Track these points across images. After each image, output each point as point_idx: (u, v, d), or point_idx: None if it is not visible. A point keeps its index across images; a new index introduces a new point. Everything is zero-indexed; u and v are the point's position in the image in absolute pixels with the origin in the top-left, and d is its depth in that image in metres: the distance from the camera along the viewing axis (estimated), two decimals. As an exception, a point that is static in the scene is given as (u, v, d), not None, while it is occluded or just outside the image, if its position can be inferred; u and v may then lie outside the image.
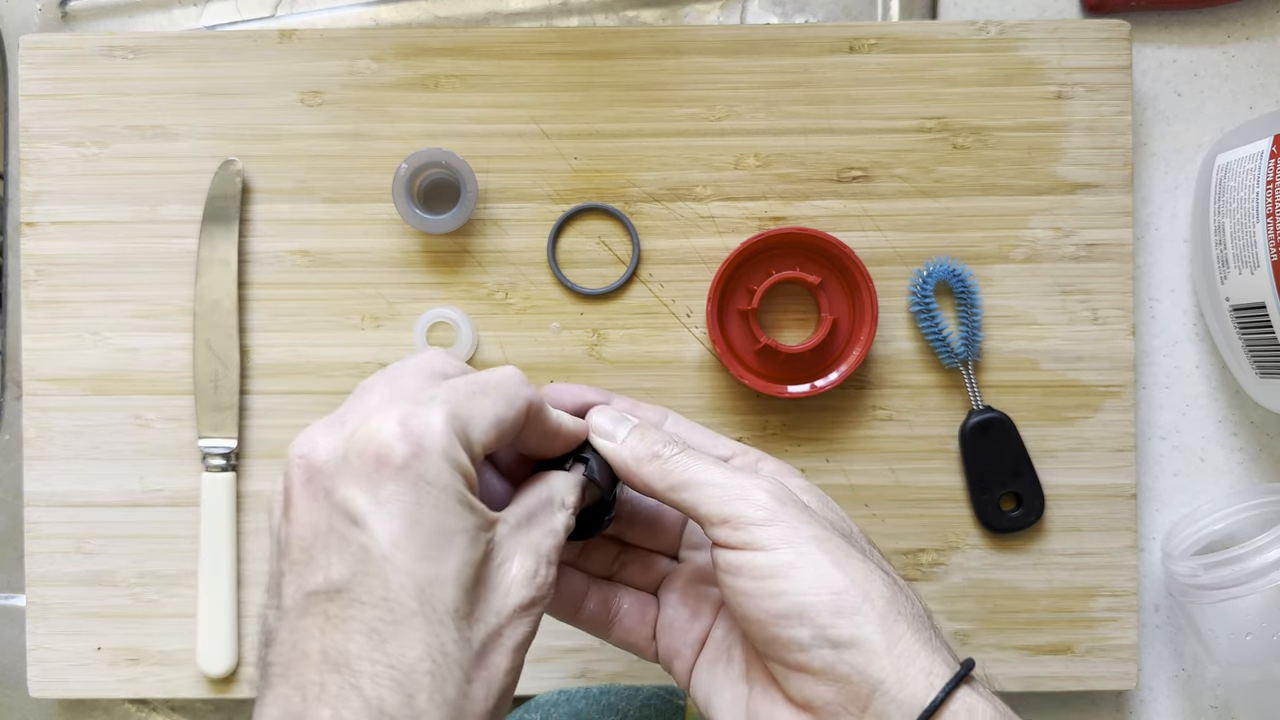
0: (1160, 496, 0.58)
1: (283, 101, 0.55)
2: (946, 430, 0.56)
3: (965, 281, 0.54)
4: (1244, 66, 0.58)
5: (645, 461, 0.38)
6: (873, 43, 0.55)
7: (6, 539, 0.59)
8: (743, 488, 0.36)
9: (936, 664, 0.34)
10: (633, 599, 0.42)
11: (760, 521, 0.35)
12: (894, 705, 0.33)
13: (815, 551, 0.35)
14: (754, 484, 0.36)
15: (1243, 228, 0.52)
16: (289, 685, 0.31)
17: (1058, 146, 0.55)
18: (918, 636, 0.34)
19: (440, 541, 0.31)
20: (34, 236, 0.55)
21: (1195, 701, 0.58)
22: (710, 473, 0.37)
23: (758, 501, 0.36)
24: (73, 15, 0.60)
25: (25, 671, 0.55)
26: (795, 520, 0.36)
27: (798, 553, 0.35)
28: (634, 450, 0.38)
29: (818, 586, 0.34)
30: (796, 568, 0.34)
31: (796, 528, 0.35)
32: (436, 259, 0.56)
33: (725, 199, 0.56)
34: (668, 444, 0.38)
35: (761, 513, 0.35)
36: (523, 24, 0.59)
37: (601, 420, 0.39)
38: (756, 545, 0.35)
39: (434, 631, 0.31)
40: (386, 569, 0.31)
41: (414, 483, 0.31)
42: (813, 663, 0.34)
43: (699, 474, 0.37)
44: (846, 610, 0.34)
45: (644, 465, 0.38)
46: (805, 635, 0.34)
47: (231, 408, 0.55)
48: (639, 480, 0.38)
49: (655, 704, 0.53)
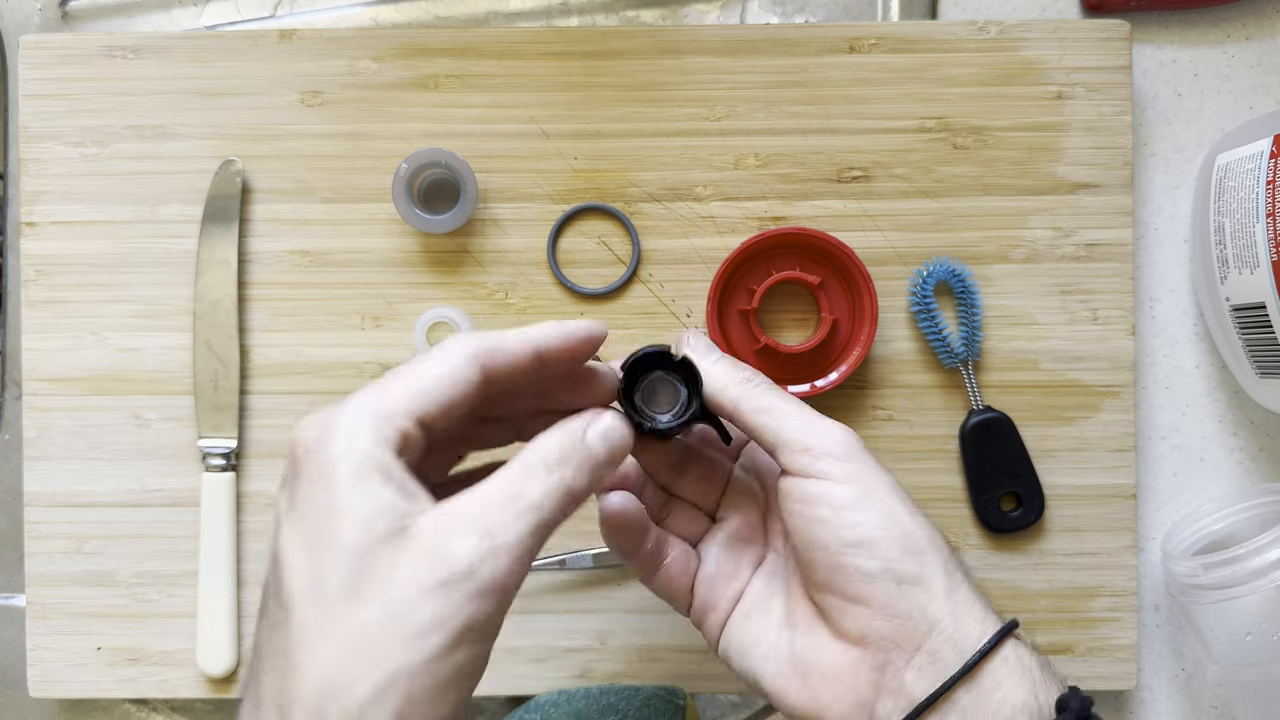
0: (1160, 496, 0.58)
1: (283, 101, 0.55)
2: (946, 430, 0.56)
3: (965, 281, 0.54)
4: (1244, 66, 0.58)
5: (736, 384, 0.40)
6: (873, 43, 0.55)
7: (6, 539, 0.59)
8: (825, 425, 0.39)
9: (989, 616, 0.36)
10: (679, 548, 0.43)
11: (840, 456, 0.38)
12: (949, 644, 0.36)
13: (888, 494, 0.37)
14: (834, 425, 0.39)
15: (1243, 228, 0.52)
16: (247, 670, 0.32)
17: (1058, 146, 0.55)
18: (973, 591, 0.37)
19: (326, 527, 0.31)
20: (34, 236, 0.55)
21: (1195, 701, 0.58)
22: (795, 405, 0.39)
23: (838, 439, 0.38)
24: (73, 15, 0.60)
25: (25, 671, 0.55)
26: (870, 464, 0.38)
27: (872, 489, 0.37)
28: (727, 372, 0.40)
29: (889, 524, 0.37)
30: (871, 502, 0.37)
31: (872, 469, 0.38)
32: (436, 259, 0.56)
33: (725, 199, 0.56)
34: (756, 373, 0.40)
35: (841, 449, 0.38)
36: (523, 24, 0.59)
37: (698, 342, 0.42)
38: (835, 477, 0.37)
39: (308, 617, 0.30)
40: (282, 563, 0.31)
41: (312, 477, 0.31)
42: (876, 594, 0.36)
43: (784, 404, 0.39)
44: (914, 550, 0.36)
45: (734, 386, 0.40)
46: (874, 566, 0.36)
47: (231, 408, 0.55)
48: (727, 400, 0.40)
49: (655, 704, 0.53)
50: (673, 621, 0.56)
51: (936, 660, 0.36)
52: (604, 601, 0.56)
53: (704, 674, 0.56)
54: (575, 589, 0.56)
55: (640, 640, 0.56)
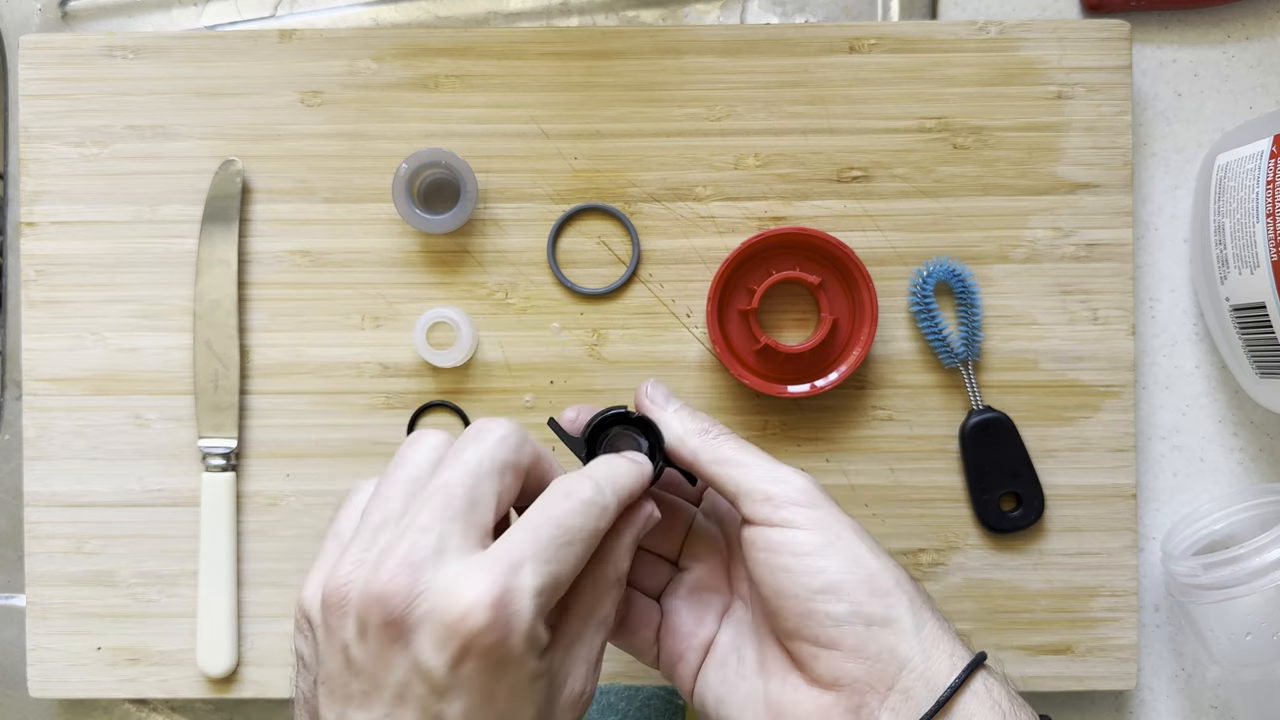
0: (1160, 496, 0.58)
1: (283, 101, 0.55)
2: (946, 430, 0.56)
3: (965, 281, 0.54)
4: (1244, 66, 0.58)
5: (694, 435, 0.40)
6: (873, 43, 0.55)
7: (6, 539, 0.59)
8: (785, 472, 0.39)
9: (958, 648, 0.37)
10: (640, 603, 0.43)
11: (802, 503, 0.38)
12: (920, 681, 0.36)
13: (851, 537, 0.38)
14: (793, 471, 0.39)
15: (1243, 228, 0.52)
16: None
17: (1058, 146, 0.55)
18: (940, 624, 0.37)
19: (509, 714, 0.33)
20: (34, 236, 0.55)
21: (1195, 701, 0.58)
22: (753, 455, 0.40)
23: (799, 486, 0.38)
24: (73, 15, 0.60)
25: (25, 671, 0.55)
26: (832, 508, 0.39)
27: (835, 534, 0.37)
28: (685, 424, 0.41)
29: (854, 567, 0.37)
30: (834, 548, 0.37)
31: (834, 514, 0.38)
32: (436, 259, 0.56)
33: (725, 199, 0.56)
34: (714, 424, 0.41)
35: (803, 496, 0.38)
36: (523, 24, 0.59)
37: (656, 392, 0.42)
38: (797, 524, 0.37)
39: None
40: None
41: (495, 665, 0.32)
42: (846, 638, 0.36)
43: (743, 454, 0.40)
44: (880, 591, 0.36)
45: (692, 438, 0.40)
46: (841, 610, 0.36)
47: (231, 408, 0.55)
48: (685, 451, 0.40)
49: (655, 704, 0.53)
50: (673, 621, 0.56)
51: (909, 698, 0.36)
52: (604, 601, 0.56)
53: (704, 674, 0.56)
54: (575, 589, 0.56)
55: (640, 640, 0.56)
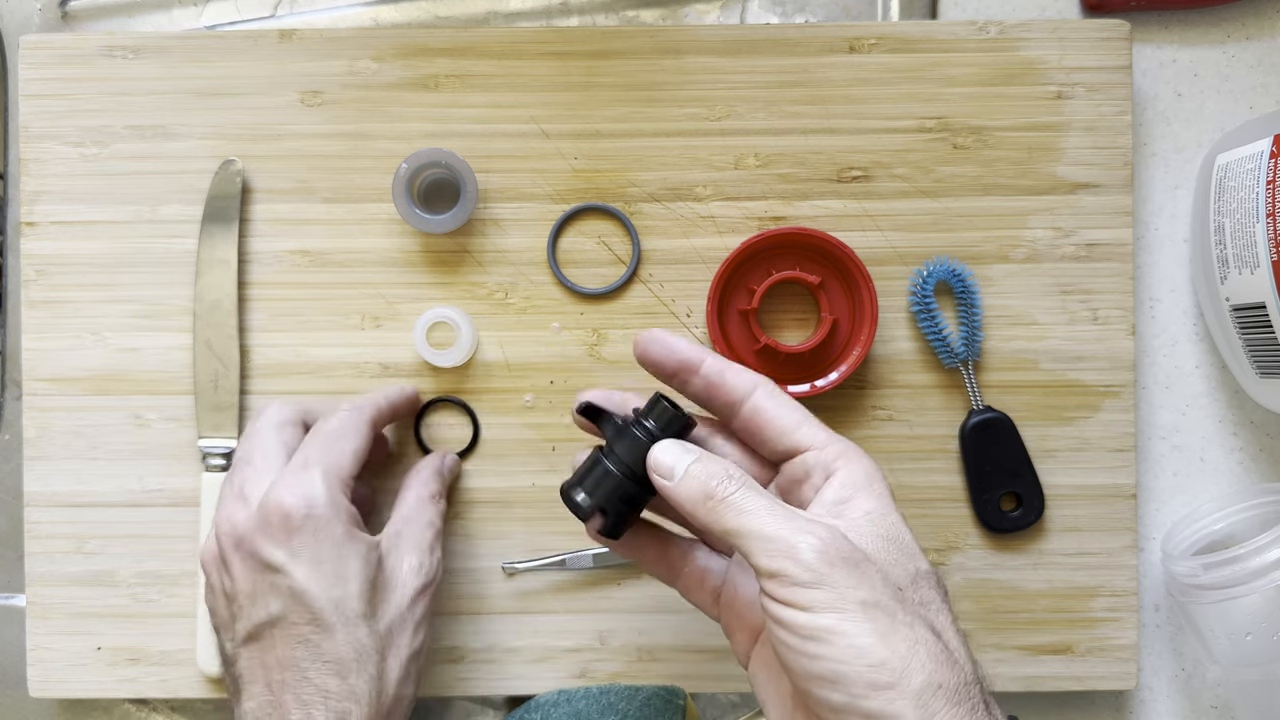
0: (1160, 496, 0.58)
1: (283, 101, 0.55)
2: (946, 430, 0.56)
3: (965, 281, 0.54)
4: (1244, 66, 0.58)
5: (700, 504, 0.38)
6: (873, 43, 0.55)
7: (6, 539, 0.59)
8: (791, 544, 0.35)
9: None
10: (700, 560, 0.44)
11: (805, 583, 0.35)
12: None
13: (859, 618, 0.34)
14: (803, 538, 0.35)
15: (1243, 228, 0.52)
16: (258, 685, 0.44)
17: (1058, 146, 0.55)
18: (955, 711, 0.34)
19: (340, 569, 0.44)
20: (34, 236, 0.55)
21: (1195, 701, 0.58)
22: (761, 521, 0.36)
23: (805, 561, 0.35)
24: (73, 15, 0.60)
25: (25, 671, 0.55)
26: (842, 582, 0.35)
27: (840, 618, 0.34)
28: (690, 493, 0.38)
29: (855, 657, 0.34)
30: (837, 633, 0.34)
31: (842, 591, 0.34)
32: (436, 259, 0.56)
33: (725, 199, 0.56)
34: (725, 480, 0.38)
35: (807, 574, 0.35)
36: (523, 24, 0.59)
37: (663, 458, 0.40)
38: (800, 604, 0.35)
39: (349, 632, 0.44)
40: (308, 599, 0.43)
41: (312, 533, 0.44)
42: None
43: (749, 522, 0.36)
44: (881, 685, 0.33)
45: (698, 508, 0.38)
46: (838, 700, 0.34)
47: (231, 408, 0.55)
48: (697, 522, 0.38)
49: (655, 704, 0.53)
50: (673, 621, 0.56)
51: None
52: (604, 601, 0.56)
53: (704, 674, 0.56)
54: (575, 589, 0.56)
55: (640, 640, 0.56)
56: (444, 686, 0.55)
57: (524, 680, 0.56)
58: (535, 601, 0.56)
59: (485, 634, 0.56)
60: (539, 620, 0.56)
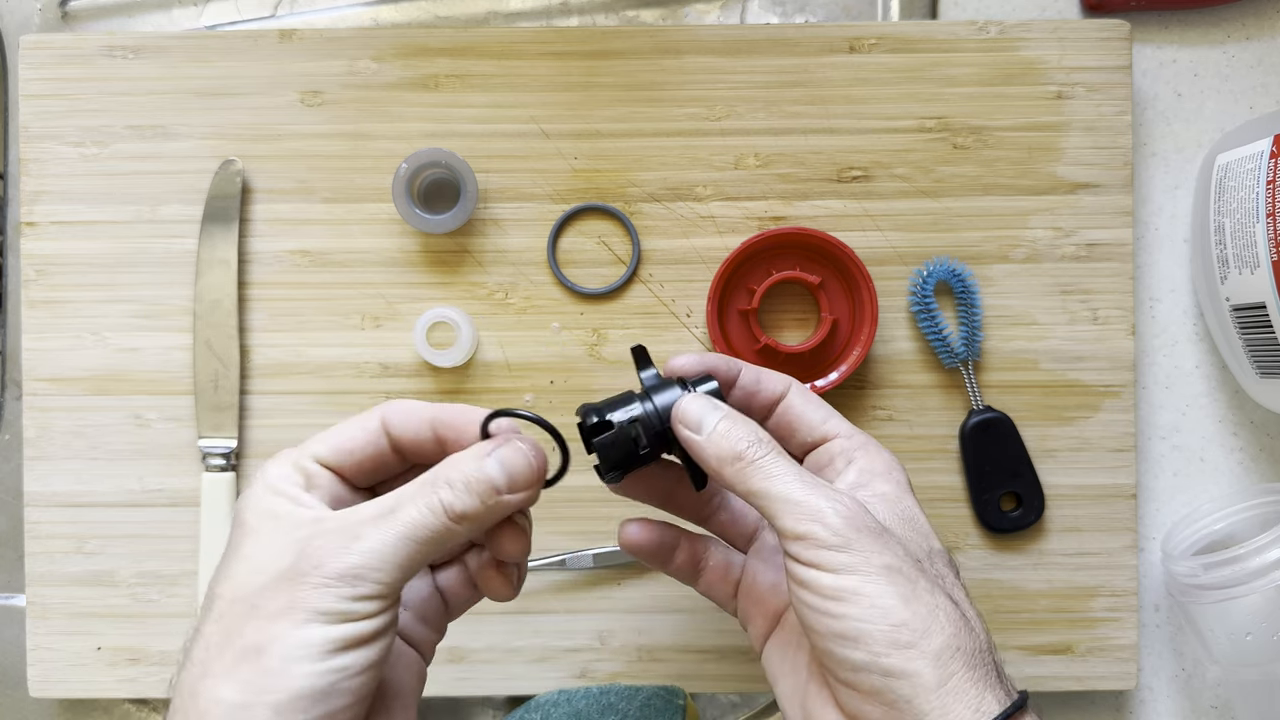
0: (1160, 496, 0.58)
1: (283, 101, 0.55)
2: (946, 430, 0.56)
3: (965, 281, 0.54)
4: (1244, 66, 0.58)
5: (728, 463, 0.38)
6: (873, 43, 0.55)
7: (6, 539, 0.59)
8: (819, 508, 0.36)
9: (987, 699, 0.34)
10: (720, 555, 0.44)
11: (832, 545, 0.35)
12: None
13: (882, 581, 0.35)
14: (830, 504, 0.36)
15: (1243, 228, 0.52)
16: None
17: (1058, 146, 0.55)
18: (971, 674, 0.35)
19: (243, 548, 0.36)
20: (34, 236, 0.55)
21: (1195, 701, 0.58)
22: (789, 486, 0.37)
23: (832, 525, 0.36)
24: (73, 15, 0.60)
25: (25, 671, 0.55)
26: (867, 547, 0.36)
27: (864, 579, 0.35)
28: (718, 450, 0.38)
29: (878, 617, 0.35)
30: (861, 594, 0.35)
31: (867, 555, 0.35)
32: (436, 259, 0.56)
33: (725, 199, 0.56)
34: (754, 443, 0.38)
35: (834, 537, 0.35)
36: (523, 24, 0.59)
37: (691, 410, 0.39)
38: (826, 566, 0.35)
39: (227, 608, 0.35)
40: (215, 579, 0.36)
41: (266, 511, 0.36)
42: (862, 684, 0.35)
43: (777, 486, 0.37)
44: (902, 644, 0.34)
45: (726, 466, 0.38)
46: (860, 658, 0.35)
47: (231, 408, 0.55)
48: (724, 483, 0.38)
49: (655, 704, 0.53)
50: (673, 621, 0.56)
51: None
52: (604, 601, 0.56)
53: (704, 674, 0.56)
54: (575, 589, 0.56)
55: (640, 640, 0.56)
56: (444, 686, 0.55)
57: (524, 680, 0.56)
58: (535, 601, 0.56)
59: (485, 634, 0.56)
60: (539, 620, 0.56)
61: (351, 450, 0.38)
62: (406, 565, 0.34)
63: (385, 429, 0.38)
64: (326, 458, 0.37)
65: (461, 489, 0.35)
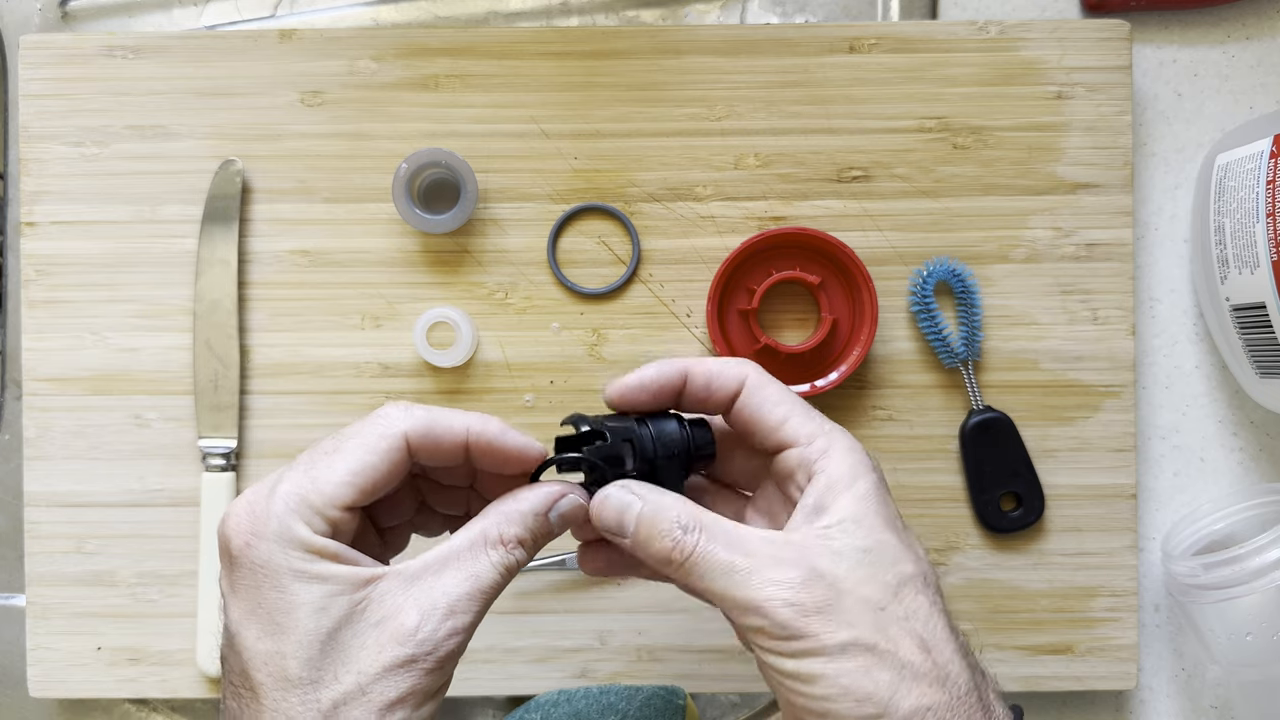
0: (1160, 496, 0.58)
1: (283, 101, 0.55)
2: (946, 430, 0.56)
3: (965, 281, 0.54)
4: (1244, 66, 0.58)
5: (662, 567, 0.36)
6: (873, 43, 0.55)
7: (6, 539, 0.59)
8: (761, 605, 0.34)
9: None
10: None
11: (783, 637, 0.34)
12: None
13: (841, 659, 0.34)
14: (774, 593, 0.34)
15: (1243, 228, 0.52)
16: None
17: (1058, 146, 0.55)
18: None
19: (279, 618, 0.33)
20: (34, 236, 0.55)
21: (1195, 701, 0.58)
22: (728, 583, 0.35)
23: (779, 619, 0.34)
24: (73, 15, 0.60)
25: (25, 671, 0.55)
26: (820, 630, 0.34)
27: (823, 662, 0.34)
28: (647, 556, 0.36)
29: (840, 694, 0.33)
30: (822, 676, 0.34)
31: (821, 638, 0.34)
32: (436, 259, 0.56)
33: (725, 199, 0.56)
34: (678, 541, 0.36)
35: (783, 630, 0.34)
36: (523, 24, 0.59)
37: (606, 512, 0.37)
38: (782, 653, 0.34)
39: (277, 699, 0.33)
40: (239, 645, 0.34)
41: (251, 569, 0.34)
42: None
43: (717, 583, 0.35)
44: (870, 716, 0.33)
45: (662, 570, 0.36)
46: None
47: (231, 408, 0.55)
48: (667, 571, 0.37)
49: (655, 704, 0.53)
50: (673, 621, 0.56)
51: None
52: (604, 601, 0.56)
53: (704, 674, 0.56)
54: (575, 589, 0.56)
55: (640, 640, 0.56)
56: (444, 686, 0.55)
57: (524, 680, 0.56)
58: (535, 601, 0.56)
59: (485, 634, 0.56)
60: (539, 620, 0.56)
61: (373, 488, 0.35)
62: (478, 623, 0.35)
63: (411, 453, 0.36)
64: (348, 504, 0.35)
65: (530, 546, 0.36)
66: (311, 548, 0.34)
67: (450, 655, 0.34)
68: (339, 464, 0.35)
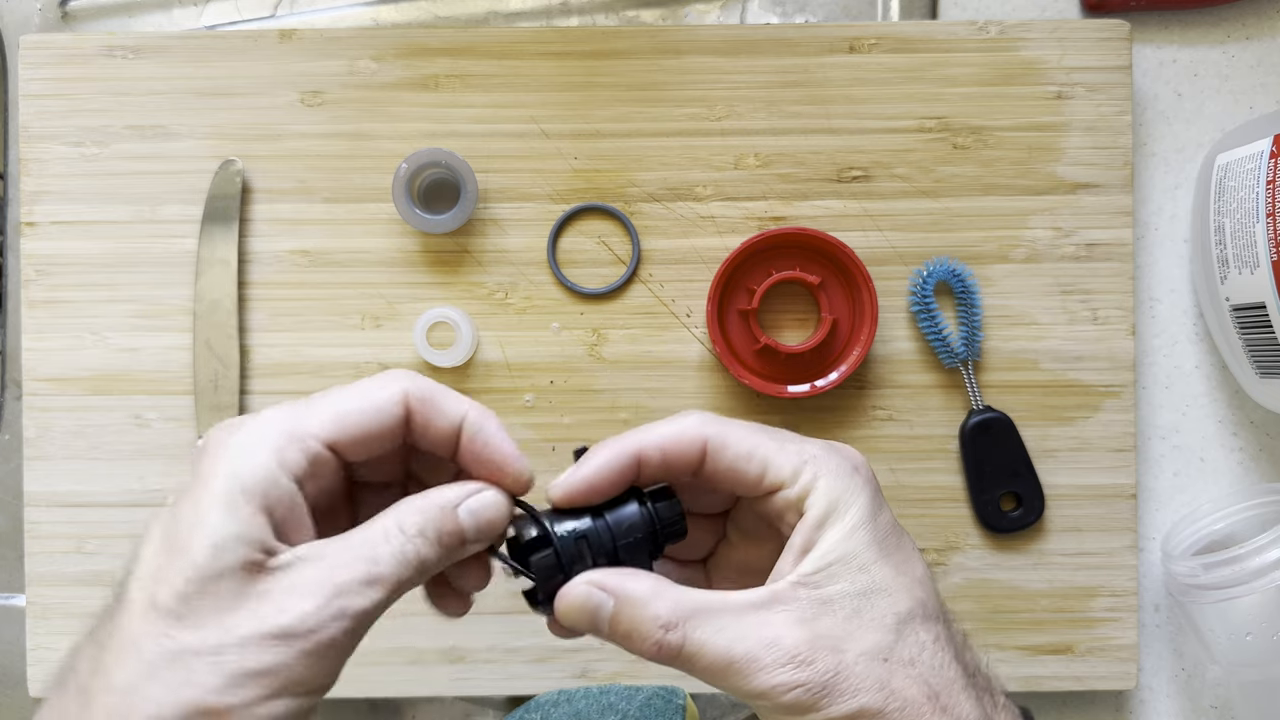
0: (1160, 496, 0.58)
1: (283, 101, 0.55)
2: (946, 430, 0.56)
3: (965, 281, 0.54)
4: (1244, 66, 0.58)
5: (651, 657, 0.35)
6: (873, 43, 0.55)
7: (6, 539, 0.59)
8: (765, 688, 0.33)
9: None
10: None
11: (789, 714, 0.33)
12: None
13: None
14: (780, 674, 0.33)
15: (1243, 228, 0.52)
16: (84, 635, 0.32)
17: (1058, 146, 0.55)
18: None
19: (183, 538, 0.30)
20: (34, 236, 0.55)
21: (1195, 701, 0.58)
22: (727, 671, 0.33)
23: (786, 702, 0.33)
24: (73, 15, 0.60)
25: (25, 671, 0.55)
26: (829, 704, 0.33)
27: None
28: (631, 649, 0.35)
29: None
30: None
31: (828, 713, 0.33)
32: (436, 259, 0.56)
33: (725, 199, 0.56)
34: (664, 640, 0.34)
35: (788, 712, 0.33)
36: (523, 24, 0.59)
37: (573, 616, 0.35)
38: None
39: (130, 619, 0.30)
40: (136, 553, 0.31)
41: (197, 476, 0.31)
42: None
43: (713, 677, 0.34)
44: None
45: (656, 659, 0.35)
46: None
47: (231, 408, 0.55)
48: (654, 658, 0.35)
49: (655, 704, 0.53)
50: (673, 621, 0.56)
51: None
52: (604, 601, 0.56)
53: (704, 674, 0.56)
54: (575, 589, 0.56)
55: (640, 640, 0.56)
56: (444, 686, 0.55)
57: (524, 680, 0.56)
58: (535, 601, 0.56)
59: (485, 634, 0.56)
60: (539, 620, 0.55)
61: (361, 434, 0.33)
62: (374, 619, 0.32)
63: (408, 413, 0.34)
64: (336, 439, 0.32)
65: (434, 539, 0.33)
66: (257, 481, 0.31)
67: (332, 642, 0.30)
68: (333, 401, 0.33)
